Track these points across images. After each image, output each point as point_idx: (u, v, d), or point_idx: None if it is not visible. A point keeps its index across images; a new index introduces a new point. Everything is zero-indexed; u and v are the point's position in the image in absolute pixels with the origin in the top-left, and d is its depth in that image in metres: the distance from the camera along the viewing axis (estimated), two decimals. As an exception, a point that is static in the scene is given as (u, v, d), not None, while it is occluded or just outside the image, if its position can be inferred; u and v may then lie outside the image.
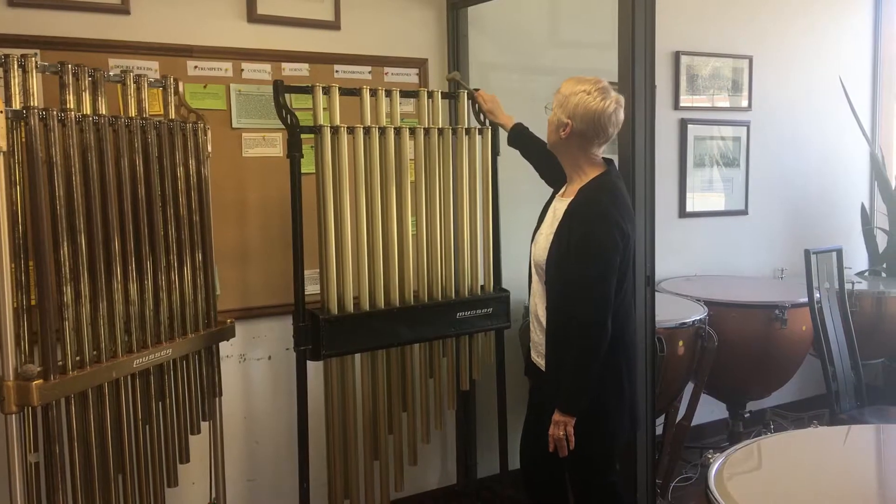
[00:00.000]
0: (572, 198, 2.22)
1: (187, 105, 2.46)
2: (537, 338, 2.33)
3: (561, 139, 2.23)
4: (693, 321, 3.07)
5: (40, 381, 1.83)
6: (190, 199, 2.36)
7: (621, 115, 2.21)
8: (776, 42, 4.18)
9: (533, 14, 3.45)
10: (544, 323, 2.25)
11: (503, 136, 2.88)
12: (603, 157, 2.29)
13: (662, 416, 3.24)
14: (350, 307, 2.58)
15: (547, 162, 2.47)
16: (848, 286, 3.47)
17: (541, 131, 2.73)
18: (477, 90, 2.85)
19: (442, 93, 2.81)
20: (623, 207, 2.17)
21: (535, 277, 2.34)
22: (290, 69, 2.88)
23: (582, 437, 2.16)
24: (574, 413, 2.14)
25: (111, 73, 2.16)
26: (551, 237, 2.22)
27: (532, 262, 2.36)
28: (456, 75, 2.89)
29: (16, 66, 1.87)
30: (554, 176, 2.46)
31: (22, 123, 1.83)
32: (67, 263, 1.91)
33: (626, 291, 2.19)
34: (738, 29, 4.04)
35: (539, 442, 2.25)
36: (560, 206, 2.26)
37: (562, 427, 2.14)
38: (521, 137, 2.69)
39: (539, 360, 2.33)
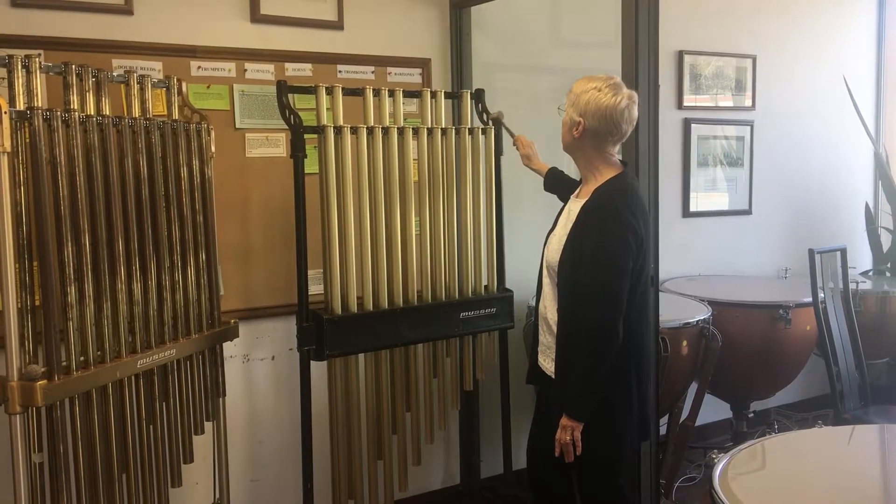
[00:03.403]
0: (587, 199, 2.20)
1: (191, 105, 2.47)
2: (546, 340, 2.32)
3: (574, 139, 2.21)
4: (697, 321, 3.07)
5: (44, 381, 1.83)
6: (193, 199, 2.36)
7: (635, 112, 2.19)
8: (780, 41, 4.17)
9: (536, 14, 3.45)
10: (554, 326, 2.24)
11: (504, 136, 2.89)
12: (619, 159, 2.28)
13: (666, 417, 3.24)
14: (353, 307, 2.58)
15: None
16: (852, 286, 3.46)
17: (544, 131, 2.73)
18: (518, 135, 2.83)
19: (445, 93, 2.81)
20: (638, 209, 2.15)
21: (546, 279, 2.32)
22: (293, 69, 2.88)
23: (589, 441, 2.14)
24: (582, 418, 2.12)
25: (115, 74, 2.17)
26: (564, 239, 2.20)
27: (544, 263, 2.34)
28: (501, 115, 2.87)
29: (20, 67, 1.87)
30: None
31: (26, 124, 1.83)
32: (71, 264, 1.92)
33: (640, 296, 2.18)
34: (742, 28, 4.03)
35: (546, 444, 2.24)
36: (574, 208, 2.24)
37: (569, 432, 2.13)
38: (557, 182, 2.66)
39: (546, 363, 2.32)
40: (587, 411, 2.13)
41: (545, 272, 2.33)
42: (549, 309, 2.28)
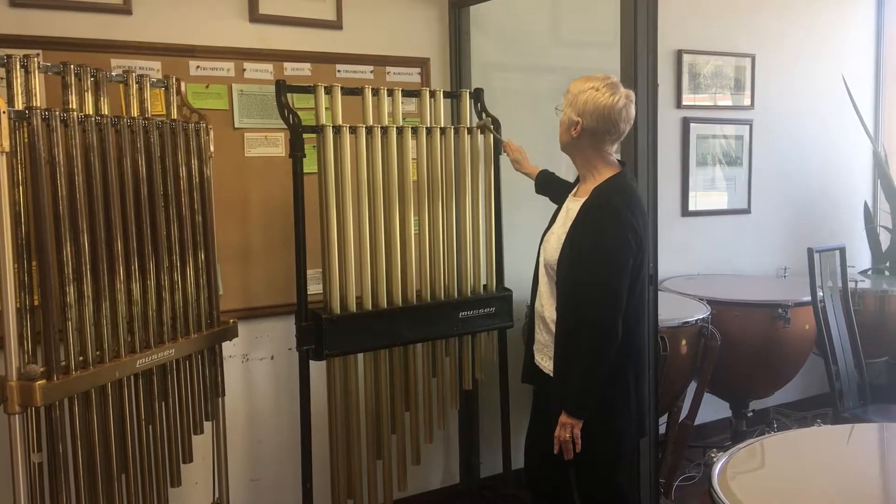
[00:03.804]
0: (586, 198, 2.20)
1: (189, 105, 2.47)
2: (543, 339, 2.32)
3: (573, 139, 2.22)
4: (696, 320, 3.07)
5: (43, 381, 1.83)
6: (192, 199, 2.36)
7: (632, 111, 2.20)
8: (779, 40, 4.17)
9: (535, 13, 3.45)
10: (551, 324, 2.24)
11: (504, 135, 2.89)
12: (617, 159, 2.28)
13: (665, 416, 3.24)
14: (353, 307, 2.58)
15: None
16: (851, 285, 3.46)
17: (543, 130, 2.74)
18: (506, 141, 2.83)
19: (444, 92, 2.81)
20: (637, 209, 2.16)
21: (543, 278, 2.32)
22: (292, 69, 2.88)
23: (588, 439, 2.15)
24: (581, 416, 2.13)
25: (113, 74, 2.17)
26: (563, 237, 2.21)
27: (542, 261, 2.34)
28: (488, 122, 2.85)
29: (18, 67, 1.87)
30: None
31: (24, 124, 1.83)
32: (70, 263, 1.91)
33: (638, 294, 2.18)
34: (741, 27, 4.03)
35: (544, 443, 2.24)
36: (573, 206, 2.25)
37: (568, 429, 2.13)
38: (549, 184, 2.67)
39: (544, 361, 2.32)
40: (587, 409, 2.13)
41: (542, 270, 2.33)
42: (547, 307, 2.29)
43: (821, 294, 3.20)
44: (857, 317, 3.39)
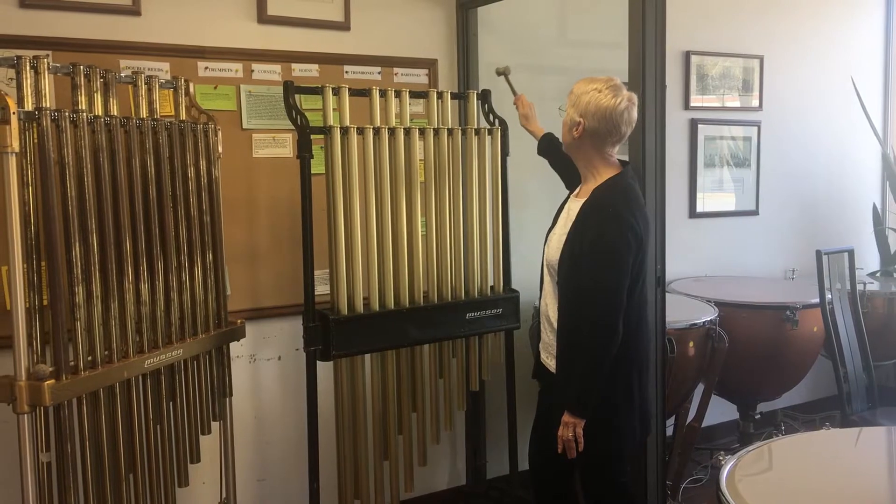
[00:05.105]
0: (586, 198, 2.22)
1: (198, 106, 2.47)
2: (548, 338, 2.33)
3: (574, 139, 2.23)
4: (703, 322, 3.06)
5: (52, 381, 1.84)
6: (200, 199, 2.37)
7: (634, 113, 2.21)
8: (787, 42, 4.16)
9: (542, 14, 3.45)
10: (555, 323, 2.25)
11: (511, 136, 2.89)
12: (619, 159, 2.28)
13: (673, 418, 3.23)
14: (360, 307, 2.58)
15: (574, 173, 2.42)
16: (860, 287, 3.45)
17: (550, 129, 2.73)
18: (520, 95, 2.84)
19: (451, 93, 2.81)
20: (637, 209, 2.16)
21: (546, 277, 2.34)
22: (300, 70, 2.89)
23: (591, 439, 2.16)
24: (583, 415, 2.14)
25: (122, 74, 2.17)
26: (564, 237, 2.22)
27: (545, 261, 2.35)
28: (508, 69, 2.86)
29: (28, 68, 1.88)
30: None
31: (34, 124, 1.84)
32: (79, 264, 1.92)
33: (639, 294, 2.19)
34: (749, 28, 4.02)
35: (548, 443, 2.25)
36: (574, 207, 2.26)
37: (571, 429, 2.14)
38: (551, 146, 2.68)
39: (549, 361, 2.33)
40: (589, 408, 2.14)
41: (545, 270, 2.34)
42: (550, 307, 2.30)
43: (829, 296, 3.19)
44: (866, 319, 3.37)
